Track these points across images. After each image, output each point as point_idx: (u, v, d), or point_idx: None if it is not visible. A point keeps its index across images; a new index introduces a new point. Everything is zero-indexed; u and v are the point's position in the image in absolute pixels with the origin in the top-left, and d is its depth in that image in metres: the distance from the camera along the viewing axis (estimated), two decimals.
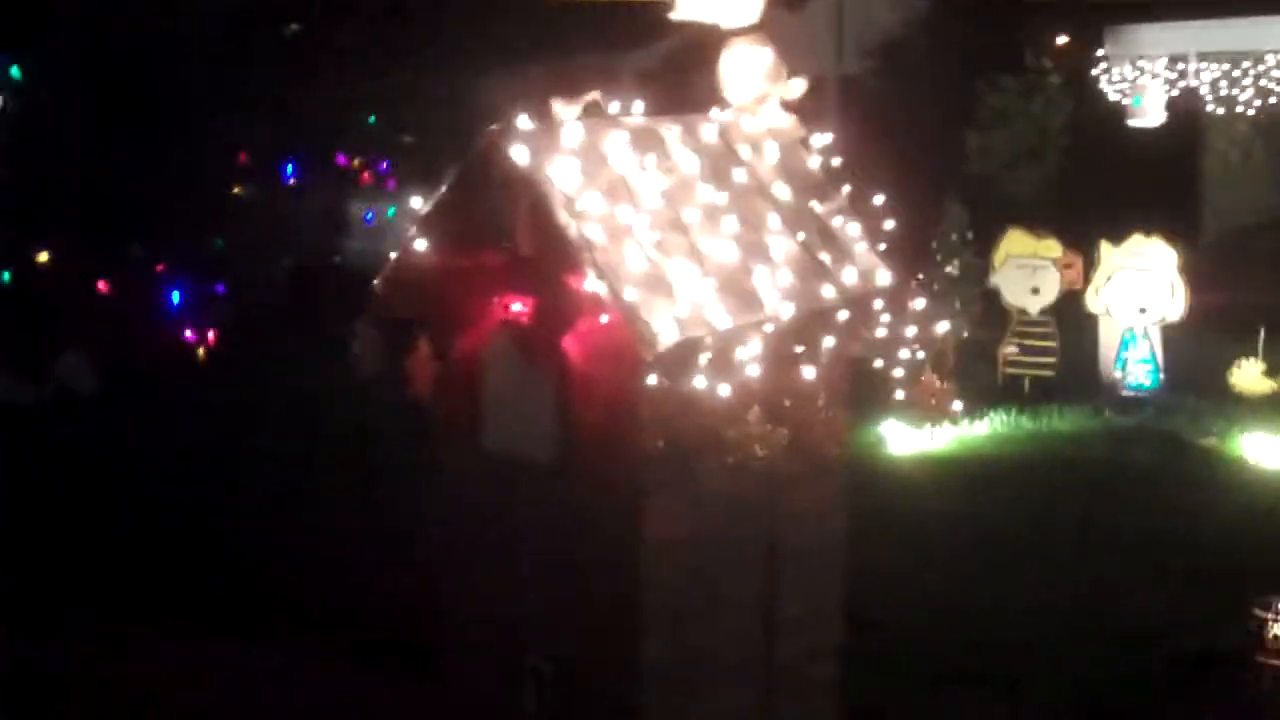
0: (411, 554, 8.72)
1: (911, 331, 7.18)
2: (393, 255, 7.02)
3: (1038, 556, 9.81)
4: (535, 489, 6.80)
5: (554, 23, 15.54)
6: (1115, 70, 16.40)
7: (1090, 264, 13.58)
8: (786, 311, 6.70)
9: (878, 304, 7.13)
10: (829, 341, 6.83)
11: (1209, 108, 16.19)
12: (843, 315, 6.93)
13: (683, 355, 6.27)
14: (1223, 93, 15.98)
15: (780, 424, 6.58)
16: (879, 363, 7.11)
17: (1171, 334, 13.44)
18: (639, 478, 6.43)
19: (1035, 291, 13.70)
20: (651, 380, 6.22)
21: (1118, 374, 13.42)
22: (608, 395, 6.48)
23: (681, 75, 8.20)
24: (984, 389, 13.18)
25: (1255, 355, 13.33)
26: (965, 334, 13.03)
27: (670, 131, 7.10)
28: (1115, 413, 13.03)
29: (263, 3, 14.92)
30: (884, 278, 7.25)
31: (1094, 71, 16.59)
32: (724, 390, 6.34)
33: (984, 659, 8.24)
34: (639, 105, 7.11)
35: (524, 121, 6.61)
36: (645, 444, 6.36)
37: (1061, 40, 17.26)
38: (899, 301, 7.22)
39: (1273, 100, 15.82)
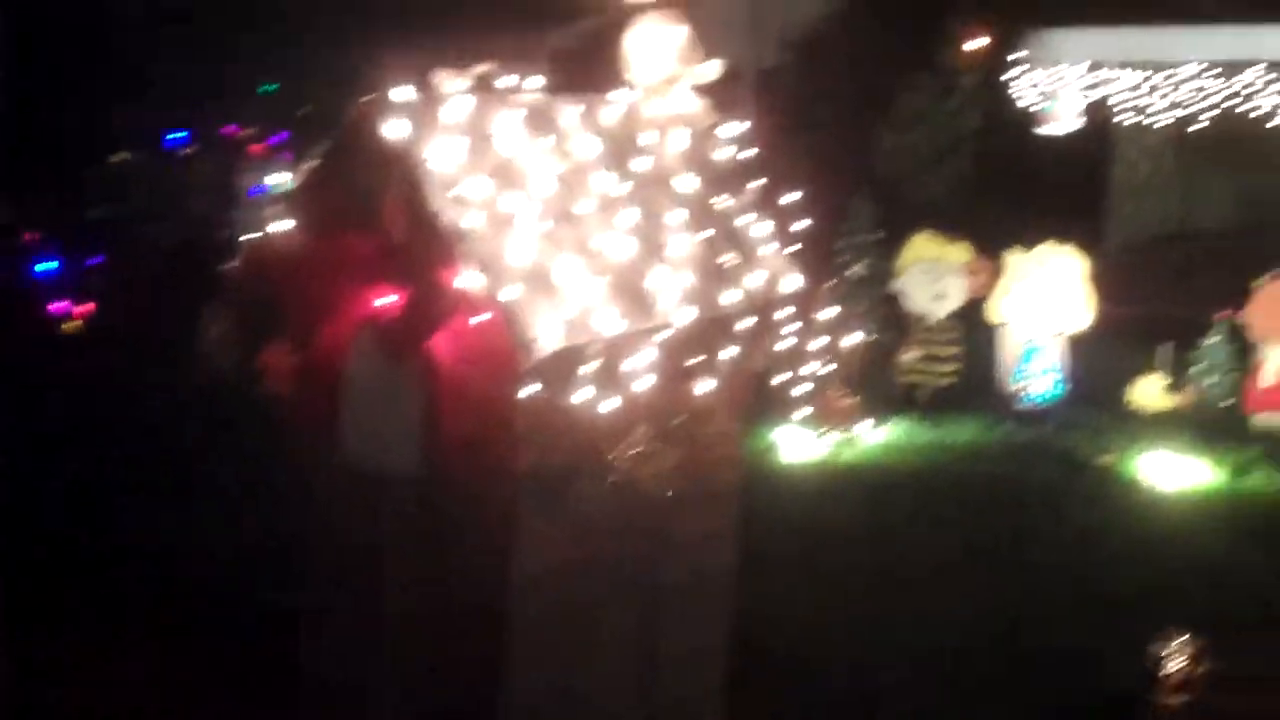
0: (265, 561, 7.73)
1: (820, 343, 6.33)
2: (250, 236, 6.07)
3: (929, 581, 9.03)
4: (398, 504, 5.88)
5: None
6: (1030, 74, 15.69)
7: (999, 271, 12.82)
8: (684, 318, 5.84)
9: (785, 312, 6.27)
10: (729, 352, 5.97)
11: (1122, 117, 15.52)
12: (746, 323, 6.07)
13: (566, 363, 5.38)
14: (1136, 101, 15.33)
15: (671, 444, 5.72)
16: (783, 377, 6.25)
17: (1076, 346, 12.74)
18: (510, 499, 5.53)
19: (940, 297, 12.91)
20: (529, 390, 5.31)
21: (1018, 385, 12.68)
22: (479, 404, 5.58)
23: (593, 54, 7.28)
24: (883, 396, 12.40)
25: (1158, 370, 12.64)
26: (867, 338, 12.23)
27: (569, 112, 6.20)
28: (1014, 426, 12.30)
29: None
30: (792, 283, 6.40)
31: (1011, 75, 15.86)
32: (610, 405, 5.46)
33: (865, 695, 7.44)
34: (537, 81, 6.20)
35: (402, 93, 5.68)
36: (519, 461, 5.47)
37: (979, 42, 16.51)
38: (807, 310, 6.37)
39: (1185, 111, 15.18)
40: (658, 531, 6.03)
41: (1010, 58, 15.68)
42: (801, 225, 6.61)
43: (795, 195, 6.63)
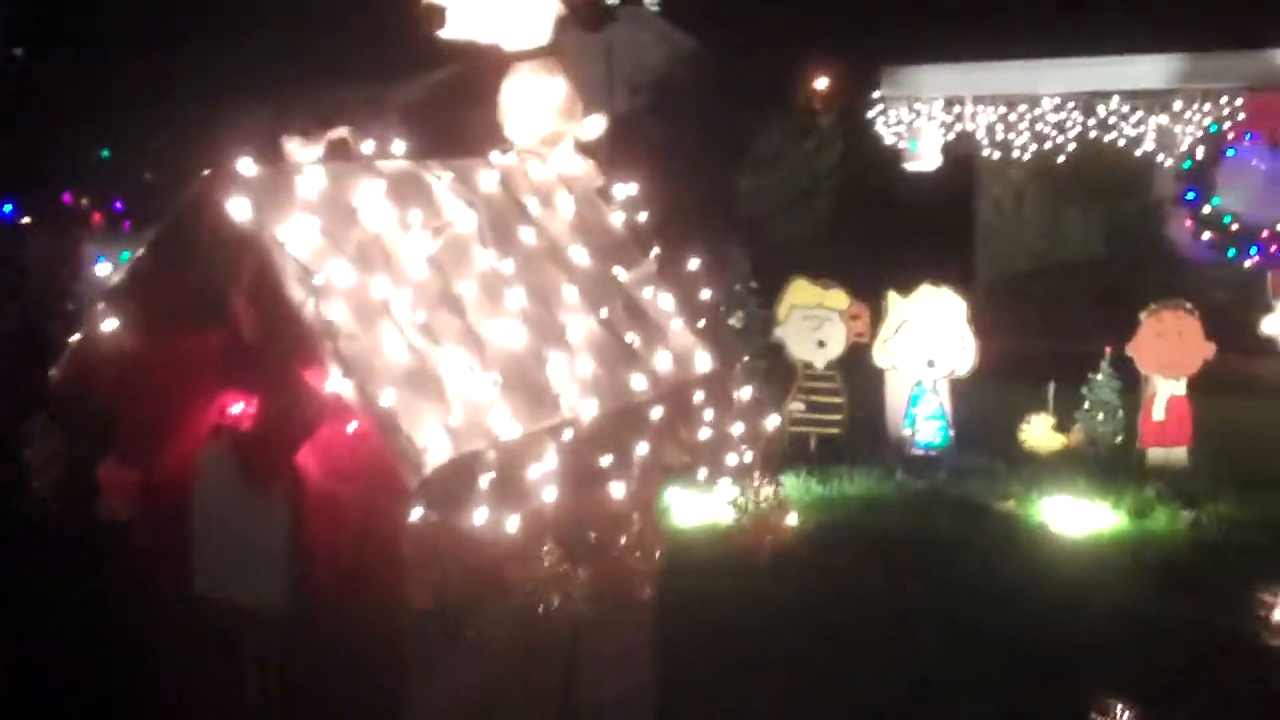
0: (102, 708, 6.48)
1: (737, 428, 5.43)
2: (76, 337, 5.00)
3: (836, 644, 8.14)
4: (260, 646, 4.84)
5: (312, 46, 13.44)
6: (891, 112, 15.05)
7: (877, 315, 12.06)
8: (588, 411, 4.90)
9: (698, 396, 5.36)
10: (641, 448, 5.04)
11: (985, 152, 14.94)
12: (656, 413, 5.14)
13: (457, 477, 4.41)
14: (998, 136, 14.75)
15: (581, 560, 4.77)
16: (701, 472, 5.32)
17: (960, 388, 12.01)
18: (399, 641, 4.53)
19: (821, 344, 12.10)
20: (417, 511, 4.33)
21: (907, 431, 11.92)
22: (357, 530, 4.57)
23: (457, 110, 6.31)
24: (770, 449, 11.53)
25: (1045, 410, 11.95)
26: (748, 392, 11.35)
27: (440, 179, 5.24)
28: (907, 474, 11.51)
29: None
30: (704, 362, 5.48)
31: (870, 113, 15.20)
32: (511, 523, 4.49)
33: None
34: (400, 145, 5.23)
35: (246, 165, 4.67)
36: (408, 596, 4.48)
37: (831, 82, 15.86)
38: (723, 391, 5.46)
39: (1047, 145, 14.63)
40: (568, 656, 5.07)
41: (869, 96, 15.06)
42: (704, 293, 5.69)
43: (693, 260, 5.72)
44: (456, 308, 4.87)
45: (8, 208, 12.98)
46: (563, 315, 5.14)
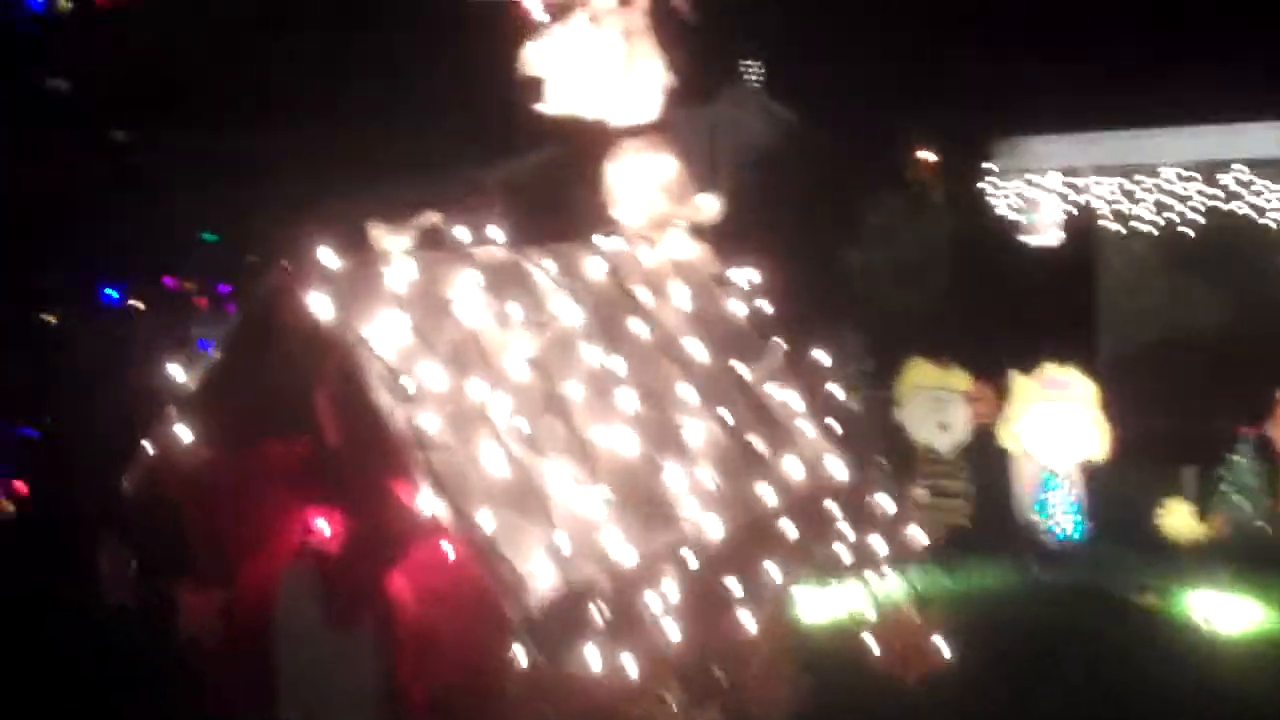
0: None
1: (879, 544, 4.77)
2: (146, 443, 4.49)
3: None
4: None
5: (414, 125, 12.97)
6: (1007, 185, 14.37)
7: (1001, 396, 11.29)
8: (711, 529, 4.27)
9: (832, 507, 4.72)
10: (772, 571, 4.40)
11: (1104, 224, 14.19)
12: (787, 528, 4.51)
13: (565, 609, 3.80)
14: (1118, 208, 14.00)
15: (707, 699, 4.13)
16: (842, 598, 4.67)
17: (1091, 471, 11.19)
18: None
19: (943, 428, 11.35)
20: (521, 648, 3.72)
21: (1038, 519, 11.10)
22: (456, 664, 3.97)
23: (560, 191, 5.77)
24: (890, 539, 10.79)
25: (1182, 495, 11.09)
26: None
27: (542, 268, 4.67)
28: (1041, 567, 10.69)
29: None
30: (837, 468, 4.84)
31: (984, 186, 14.52)
32: (627, 661, 3.87)
33: None
34: (498, 231, 4.69)
35: (328, 256, 4.14)
36: None
37: (942, 154, 15.21)
38: (858, 500, 4.82)
39: (1169, 216, 13.85)
40: None
41: (983, 168, 14.40)
42: (834, 388, 5.06)
43: (820, 350, 5.10)
44: (562, 412, 4.29)
45: (113, 293, 12.62)
46: (680, 418, 4.54)
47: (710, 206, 5.09)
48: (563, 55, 4.93)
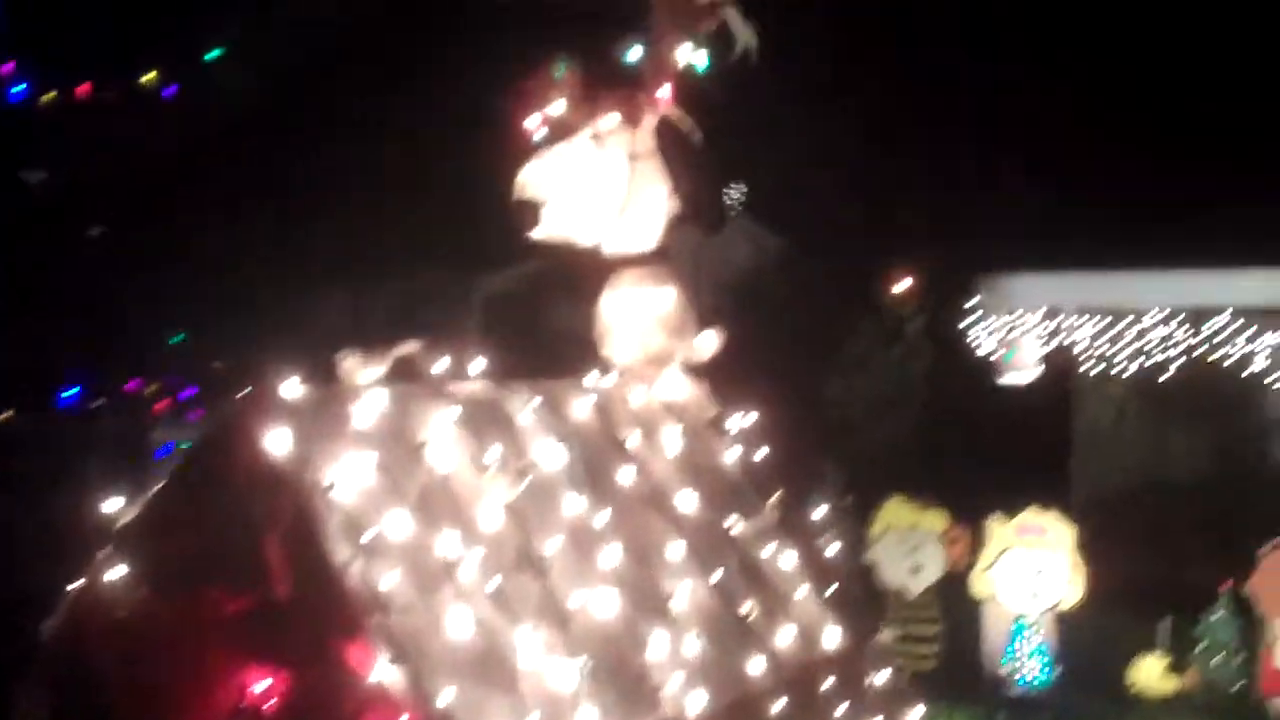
0: None
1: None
2: (71, 587, 3.95)
3: None
4: None
5: (395, 231, 12.48)
6: (988, 321, 14.01)
7: (976, 539, 10.84)
8: (696, 706, 3.76)
9: (827, 681, 4.22)
10: None
11: (1085, 365, 13.83)
12: (779, 705, 4.01)
13: None
14: (1099, 350, 13.65)
15: None
16: None
17: (1065, 620, 10.71)
18: None
19: (916, 569, 10.88)
20: None
21: (1007, 668, 10.60)
22: None
23: (548, 306, 5.31)
24: None
25: (1157, 647, 10.63)
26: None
27: (525, 407, 4.19)
28: (1008, 715, 10.20)
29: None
30: (833, 638, 4.35)
31: (965, 321, 14.17)
32: None
33: None
34: (479, 363, 4.21)
35: (291, 387, 3.66)
36: None
37: (923, 285, 14.86)
38: (855, 672, 4.32)
39: (1150, 360, 13.51)
40: None
41: (964, 303, 14.07)
42: (831, 548, 4.59)
43: (820, 503, 4.63)
44: (538, 570, 3.80)
45: (73, 391, 12.07)
46: (666, 579, 4.06)
47: (710, 344, 4.64)
48: (562, 177, 4.50)
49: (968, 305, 14.07)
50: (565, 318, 4.86)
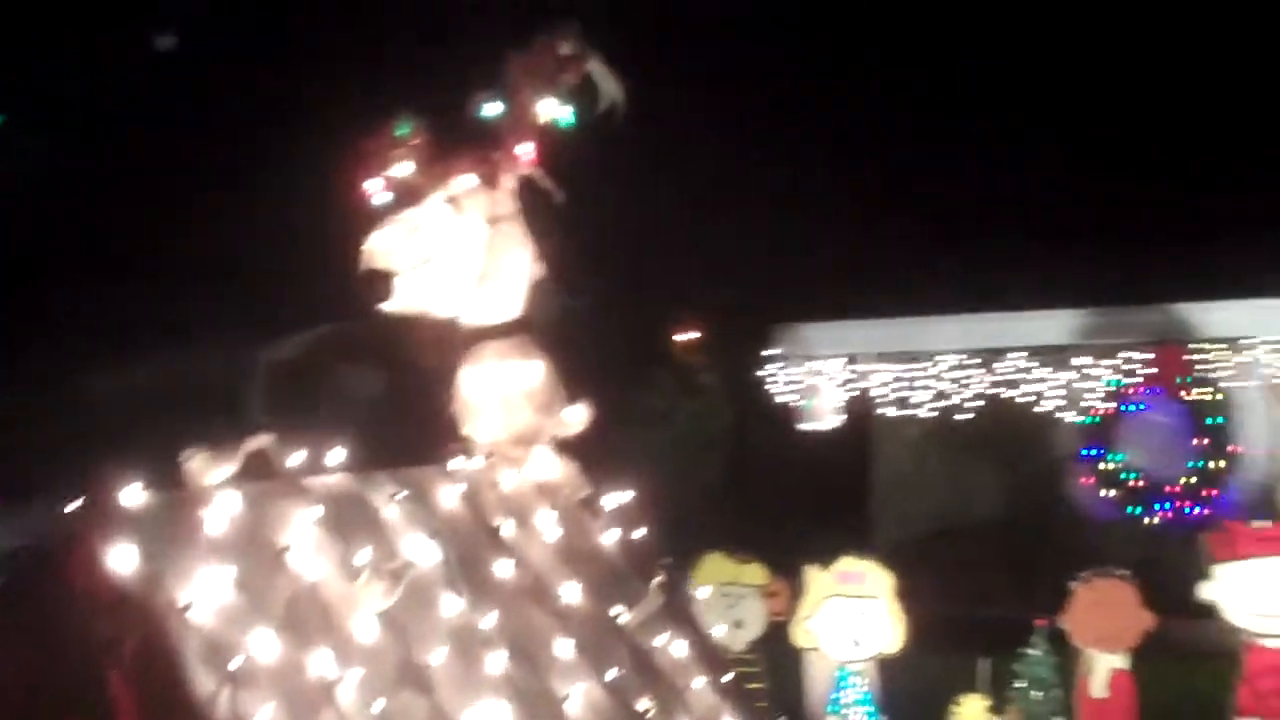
0: None
1: None
2: None
3: None
4: None
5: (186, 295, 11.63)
6: (787, 370, 13.88)
7: (795, 590, 10.62)
8: None
9: None
10: None
11: (884, 410, 13.80)
12: None
13: None
14: (898, 394, 13.64)
15: None
16: None
17: (887, 667, 10.55)
18: None
19: (738, 625, 10.59)
20: None
21: (833, 718, 10.38)
22: None
23: (340, 373, 4.89)
24: None
25: (976, 689, 10.53)
26: None
27: (389, 499, 3.74)
28: None
29: None
30: None
31: (764, 371, 14.02)
32: None
33: None
34: (339, 452, 3.75)
35: (133, 494, 3.16)
36: None
37: (721, 337, 14.70)
38: None
39: (947, 402, 13.54)
40: None
41: (762, 353, 13.94)
42: (716, 629, 4.24)
43: (700, 587, 4.29)
44: (422, 685, 3.35)
45: None
46: (558, 682, 3.64)
47: (579, 418, 4.26)
48: (415, 245, 4.07)
49: (765, 354, 13.95)
50: (358, 386, 4.42)
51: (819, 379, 13.75)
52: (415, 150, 4.17)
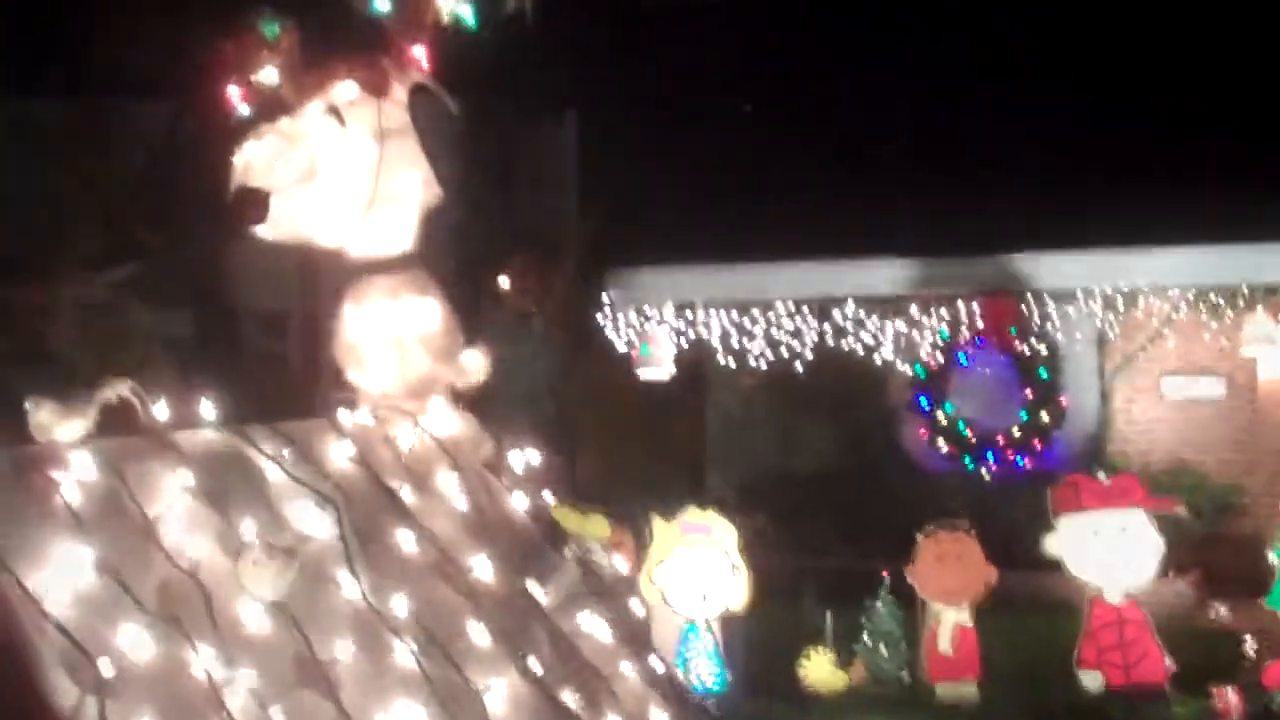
0: None
1: None
2: None
3: None
4: None
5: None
6: (621, 316, 13.35)
7: (639, 542, 10.17)
8: None
9: None
10: None
11: (718, 358, 13.39)
12: None
13: None
14: (732, 343, 13.23)
15: None
16: None
17: (733, 621, 10.20)
18: None
19: None
20: None
21: (680, 674, 9.97)
22: None
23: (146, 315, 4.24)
24: None
25: (823, 644, 10.24)
26: None
27: (272, 460, 3.13)
28: None
29: None
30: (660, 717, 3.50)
31: (599, 316, 13.46)
32: None
33: None
34: (210, 405, 3.11)
35: None
36: None
37: (551, 281, 14.10)
38: None
39: (781, 351, 13.20)
40: None
41: (595, 299, 13.40)
42: (635, 605, 3.74)
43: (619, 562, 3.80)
44: (326, 684, 2.76)
45: None
46: (476, 673, 3.08)
47: (479, 365, 3.68)
48: (291, 160, 3.43)
49: (599, 300, 13.43)
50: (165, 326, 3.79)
51: (654, 326, 13.28)
52: (286, 53, 3.53)
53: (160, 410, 2.93)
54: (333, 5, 3.61)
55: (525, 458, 3.75)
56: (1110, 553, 10.21)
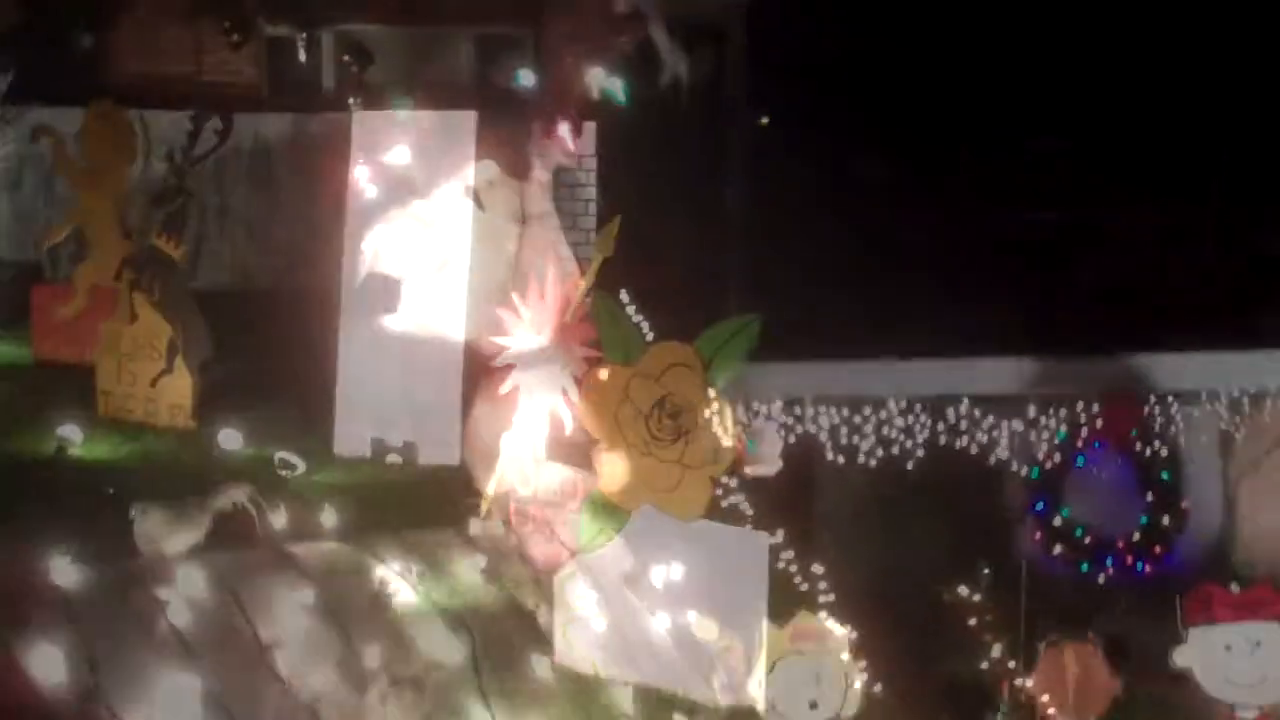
0: None
1: None
2: None
3: None
4: None
5: None
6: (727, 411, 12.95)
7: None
8: None
9: None
10: None
11: (828, 456, 12.94)
12: None
13: None
14: (841, 440, 12.78)
15: None
16: None
17: None
18: None
19: None
20: None
21: None
22: None
23: None
24: None
25: None
26: None
27: (397, 577, 2.78)
28: None
29: None
30: None
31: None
32: None
33: None
34: (328, 512, 2.78)
35: (62, 571, 2.16)
36: None
37: None
38: None
39: (893, 450, 12.74)
40: None
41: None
42: None
43: None
44: None
45: None
46: None
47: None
48: (425, 245, 3.12)
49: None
50: None
51: (760, 421, 12.91)
52: (421, 131, 3.23)
53: (278, 518, 2.60)
54: (473, 81, 3.32)
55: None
56: (1245, 667, 9.61)
